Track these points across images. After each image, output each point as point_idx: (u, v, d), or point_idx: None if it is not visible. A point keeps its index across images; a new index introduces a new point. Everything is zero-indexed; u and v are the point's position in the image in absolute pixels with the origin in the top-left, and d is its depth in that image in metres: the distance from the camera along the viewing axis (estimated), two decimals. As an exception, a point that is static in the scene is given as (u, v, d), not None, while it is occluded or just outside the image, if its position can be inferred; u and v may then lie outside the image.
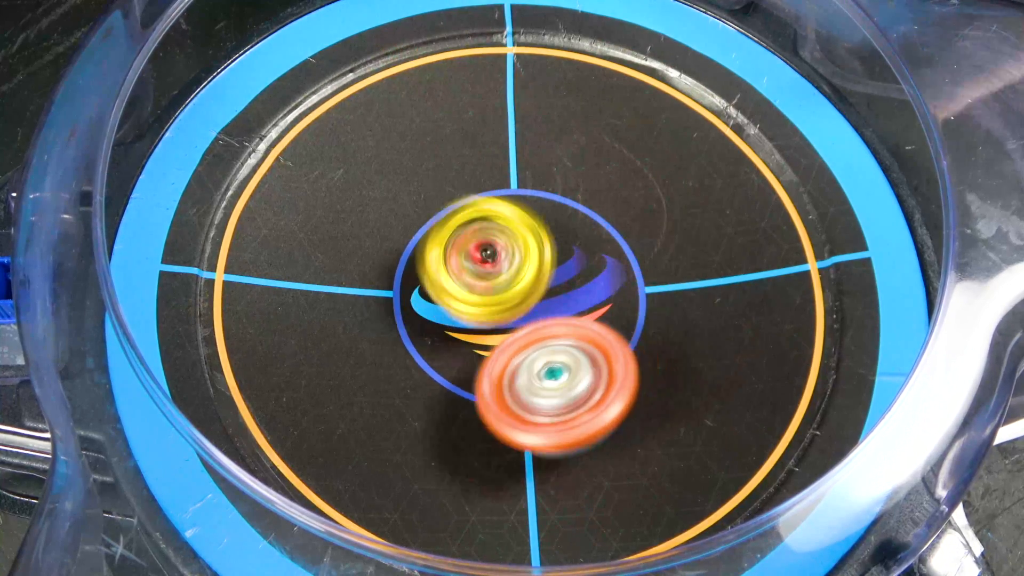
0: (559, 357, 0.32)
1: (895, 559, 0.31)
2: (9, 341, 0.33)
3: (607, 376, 0.32)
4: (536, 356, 0.32)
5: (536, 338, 0.33)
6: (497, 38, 0.40)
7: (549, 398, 0.31)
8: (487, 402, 0.32)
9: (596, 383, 0.31)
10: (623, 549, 0.32)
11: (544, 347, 0.32)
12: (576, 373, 0.31)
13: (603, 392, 0.31)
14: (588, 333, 0.33)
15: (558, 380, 0.31)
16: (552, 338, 0.33)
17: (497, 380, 0.32)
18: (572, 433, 0.30)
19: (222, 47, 0.39)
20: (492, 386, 0.32)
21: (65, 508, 0.29)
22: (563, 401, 0.31)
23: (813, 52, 0.40)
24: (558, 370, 0.32)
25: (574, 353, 0.32)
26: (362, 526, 0.32)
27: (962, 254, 0.33)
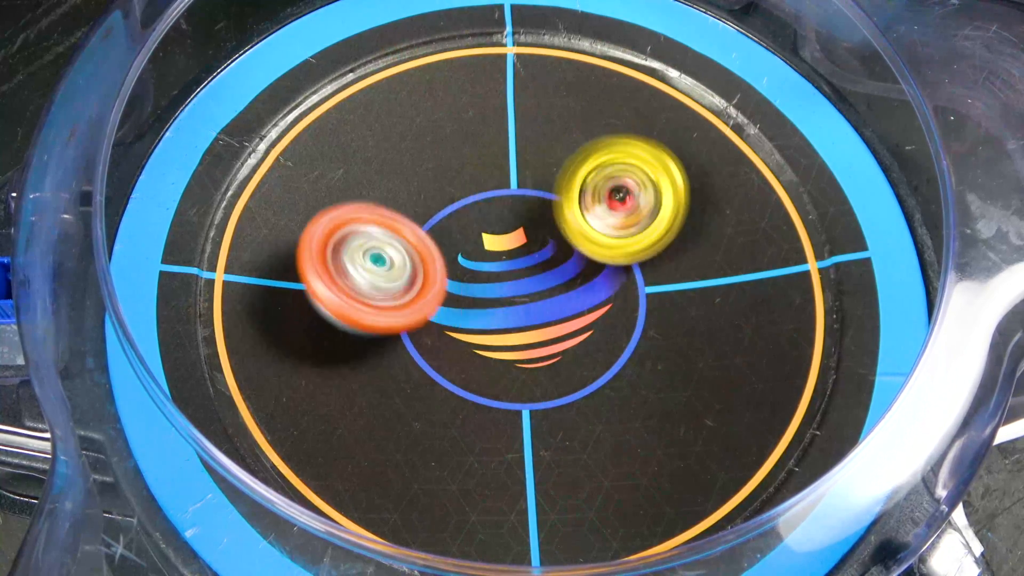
0: (388, 248, 0.33)
1: (895, 559, 0.31)
2: (9, 341, 0.33)
3: (421, 282, 0.34)
4: (366, 236, 0.33)
5: (373, 219, 0.34)
6: (497, 38, 0.40)
7: (368, 277, 0.33)
8: (310, 250, 0.32)
9: (411, 285, 0.33)
10: (623, 549, 0.32)
11: (373, 232, 0.34)
12: (399, 270, 0.33)
13: (414, 296, 0.33)
14: (415, 236, 0.34)
15: (380, 267, 0.33)
16: (380, 225, 0.34)
17: (324, 237, 0.33)
18: (358, 313, 0.32)
19: (222, 47, 0.39)
20: (317, 241, 0.33)
21: (65, 508, 0.29)
22: (382, 286, 0.33)
23: (813, 52, 0.40)
24: (382, 259, 0.33)
25: (400, 250, 0.33)
26: (362, 526, 0.32)
27: (962, 254, 0.33)
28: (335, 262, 0.32)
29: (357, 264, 0.33)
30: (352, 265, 0.32)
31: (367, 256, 0.33)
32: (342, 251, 0.33)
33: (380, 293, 0.33)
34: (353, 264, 0.33)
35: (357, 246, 0.33)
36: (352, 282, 0.32)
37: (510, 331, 0.35)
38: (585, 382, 0.35)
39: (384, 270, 0.33)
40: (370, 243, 0.33)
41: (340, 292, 0.32)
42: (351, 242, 0.33)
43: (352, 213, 0.34)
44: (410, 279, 0.33)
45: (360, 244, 0.33)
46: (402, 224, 0.34)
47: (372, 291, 0.33)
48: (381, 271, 0.33)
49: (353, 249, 0.33)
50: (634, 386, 0.34)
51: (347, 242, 0.33)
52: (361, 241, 0.33)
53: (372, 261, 0.33)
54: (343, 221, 0.33)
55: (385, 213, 0.34)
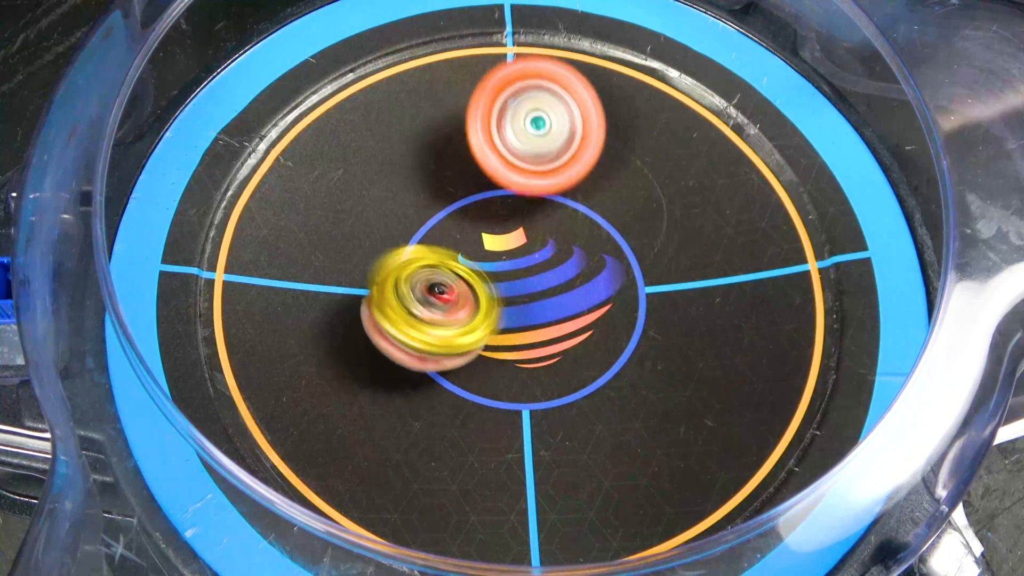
0: (539, 104, 0.35)
1: (895, 559, 0.31)
2: (9, 341, 0.33)
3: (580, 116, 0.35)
4: (518, 103, 0.35)
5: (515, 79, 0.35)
6: (497, 38, 0.40)
7: (536, 146, 0.35)
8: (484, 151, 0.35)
9: (572, 125, 0.35)
10: (623, 549, 0.32)
11: (524, 94, 0.35)
12: (556, 119, 0.35)
13: (581, 135, 0.35)
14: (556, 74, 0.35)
15: (542, 129, 0.35)
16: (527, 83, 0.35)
17: (486, 125, 0.35)
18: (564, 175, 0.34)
19: (222, 47, 0.39)
20: (484, 134, 0.35)
21: (65, 508, 0.29)
22: (549, 148, 0.35)
23: (813, 52, 0.40)
24: (540, 120, 0.35)
25: (548, 99, 0.35)
26: (362, 526, 0.32)
27: (962, 254, 0.33)
28: (499, 122, 0.34)
29: (516, 126, 0.34)
30: (512, 127, 0.34)
31: (528, 119, 0.34)
32: (506, 114, 0.34)
33: (533, 157, 0.34)
34: (513, 126, 0.34)
35: (522, 107, 0.34)
36: (509, 144, 0.34)
37: (510, 331, 0.35)
38: (585, 382, 0.35)
39: (541, 133, 0.34)
40: (534, 104, 0.34)
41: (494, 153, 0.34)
42: (517, 101, 0.34)
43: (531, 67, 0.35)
44: (564, 144, 0.34)
45: (523, 107, 0.34)
46: (576, 83, 0.35)
47: (526, 154, 0.34)
48: (536, 134, 0.34)
49: (516, 110, 0.34)
50: (634, 386, 0.34)
51: (513, 100, 0.34)
52: (524, 104, 0.34)
53: (532, 125, 0.34)
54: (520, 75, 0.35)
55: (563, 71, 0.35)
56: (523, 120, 0.35)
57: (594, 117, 0.35)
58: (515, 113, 0.35)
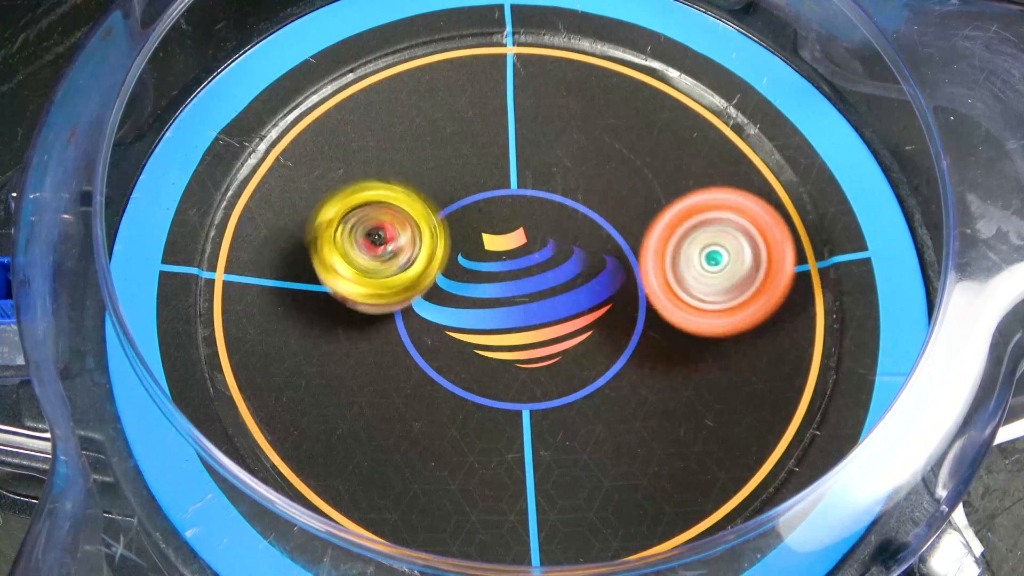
0: (717, 239, 0.32)
1: (895, 559, 0.31)
2: (9, 341, 0.33)
3: (765, 250, 0.32)
4: (693, 240, 0.32)
5: (689, 221, 0.33)
6: (497, 38, 0.40)
7: (713, 282, 0.32)
8: (659, 297, 0.32)
9: (756, 260, 0.32)
10: (623, 549, 0.32)
11: (701, 231, 0.33)
12: (736, 255, 0.32)
13: (765, 267, 0.32)
14: (738, 204, 0.33)
15: (720, 264, 0.32)
16: (704, 217, 0.33)
17: (660, 268, 0.32)
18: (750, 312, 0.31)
19: (222, 47, 0.39)
20: (659, 277, 0.32)
21: (65, 508, 0.29)
22: (728, 283, 0.32)
23: (813, 52, 0.40)
24: (718, 254, 0.32)
25: (730, 232, 0.32)
26: (362, 526, 0.32)
27: (962, 254, 0.33)
28: (674, 266, 0.32)
29: (693, 263, 0.32)
30: (688, 268, 0.31)
31: (704, 254, 0.32)
32: (680, 254, 0.32)
33: (733, 282, 0.32)
34: (689, 263, 0.32)
35: (687, 257, 0.32)
36: (684, 282, 0.32)
37: (510, 331, 0.35)
38: (585, 382, 0.35)
39: (719, 268, 0.31)
40: (707, 239, 0.32)
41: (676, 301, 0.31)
42: (684, 257, 0.32)
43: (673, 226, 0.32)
44: (747, 274, 0.32)
45: (698, 243, 0.32)
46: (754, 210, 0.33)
47: (704, 291, 0.32)
48: (714, 271, 0.31)
49: (687, 262, 0.32)
50: (634, 386, 0.34)
51: (681, 259, 0.32)
52: (689, 250, 0.32)
53: (708, 260, 0.32)
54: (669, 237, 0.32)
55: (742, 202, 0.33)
56: (699, 256, 0.32)
57: (779, 243, 0.32)
58: (690, 249, 0.33)
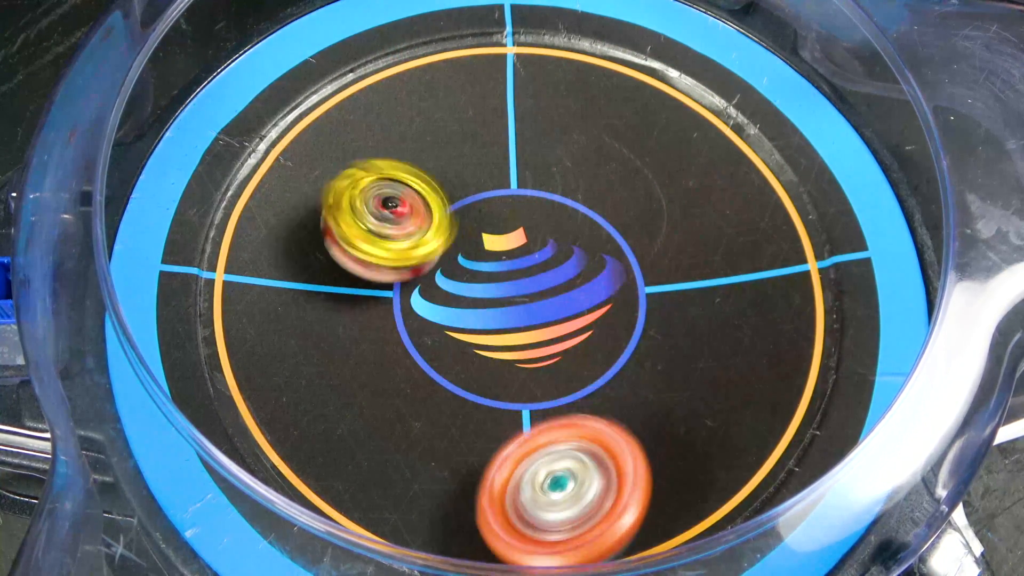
0: (562, 464, 0.29)
1: (895, 559, 0.31)
2: (9, 341, 0.33)
3: (616, 477, 0.29)
4: (538, 467, 0.29)
5: (534, 447, 0.30)
6: (497, 38, 0.40)
7: (557, 511, 0.29)
8: (491, 526, 0.29)
9: (606, 487, 0.29)
10: (623, 549, 0.32)
11: (545, 455, 0.30)
12: (583, 480, 0.29)
13: (615, 497, 0.29)
14: (588, 432, 0.30)
15: (565, 490, 0.29)
16: (551, 444, 0.30)
17: (499, 497, 0.29)
18: (587, 549, 0.28)
19: (222, 47, 0.39)
20: (494, 505, 0.29)
21: (65, 508, 0.29)
22: (573, 513, 0.28)
23: (813, 52, 0.40)
24: (563, 479, 0.29)
25: (579, 457, 0.29)
26: (362, 526, 0.32)
27: (962, 254, 0.33)
28: (517, 514, 0.29)
29: (538, 501, 0.28)
30: (533, 506, 0.28)
31: (545, 487, 0.29)
32: (519, 498, 0.29)
33: (578, 512, 0.28)
34: (534, 504, 0.28)
35: (530, 486, 0.29)
36: (537, 525, 0.28)
37: (510, 331, 0.35)
38: (585, 382, 0.34)
39: (564, 493, 0.28)
40: (540, 473, 0.29)
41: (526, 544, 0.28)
42: (523, 489, 0.29)
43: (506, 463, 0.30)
44: (601, 492, 0.29)
45: (531, 483, 0.29)
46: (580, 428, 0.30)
47: (557, 524, 0.28)
48: (561, 495, 0.28)
49: (528, 492, 0.29)
50: (634, 386, 0.34)
51: (521, 493, 0.29)
52: (530, 480, 0.29)
53: (551, 488, 0.29)
54: (507, 475, 0.30)
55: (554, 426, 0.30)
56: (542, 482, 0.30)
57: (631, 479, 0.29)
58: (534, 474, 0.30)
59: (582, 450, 0.30)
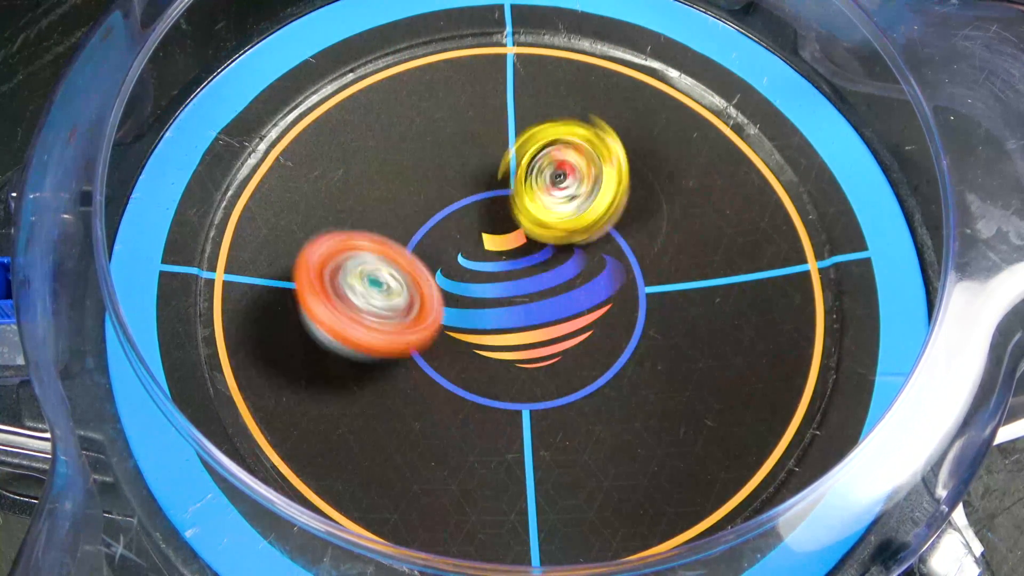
0: (391, 281, 0.33)
1: (895, 559, 0.31)
2: (9, 341, 0.33)
3: (419, 305, 0.34)
4: (361, 261, 0.33)
5: (379, 251, 0.34)
6: (497, 38, 0.40)
7: (368, 299, 0.32)
8: (308, 275, 0.32)
9: (410, 305, 0.33)
10: (623, 549, 0.32)
11: (363, 257, 0.34)
12: (397, 292, 0.33)
13: (415, 317, 0.33)
14: (423, 283, 0.34)
15: (380, 290, 0.33)
16: (368, 251, 0.34)
17: (320, 263, 0.33)
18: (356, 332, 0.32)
19: (222, 47, 0.39)
20: (314, 266, 0.32)
21: (65, 508, 0.29)
22: (380, 307, 0.32)
23: (813, 52, 0.40)
24: (379, 283, 0.33)
25: (403, 286, 0.33)
26: (362, 526, 0.32)
27: (962, 254, 0.33)
28: (333, 287, 0.32)
29: (356, 288, 0.32)
30: (350, 289, 0.32)
31: (365, 279, 0.33)
32: (339, 276, 0.33)
33: (379, 315, 0.32)
34: (351, 288, 0.32)
35: (354, 270, 0.33)
36: (351, 304, 0.32)
37: (510, 331, 0.35)
38: (585, 382, 0.35)
39: (382, 292, 0.33)
40: (366, 267, 0.33)
41: (340, 313, 0.32)
42: (347, 267, 0.33)
43: (344, 240, 0.34)
44: (407, 302, 0.33)
45: (357, 268, 0.33)
46: (393, 250, 0.34)
47: (371, 312, 0.32)
48: (379, 293, 0.33)
49: (350, 273, 0.33)
50: (634, 386, 0.34)
51: (343, 267, 0.33)
52: (358, 266, 0.33)
53: (370, 284, 0.33)
54: (337, 248, 0.33)
55: (375, 239, 0.34)
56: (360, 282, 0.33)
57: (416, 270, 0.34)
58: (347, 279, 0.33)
59: (396, 268, 0.34)
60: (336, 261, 0.33)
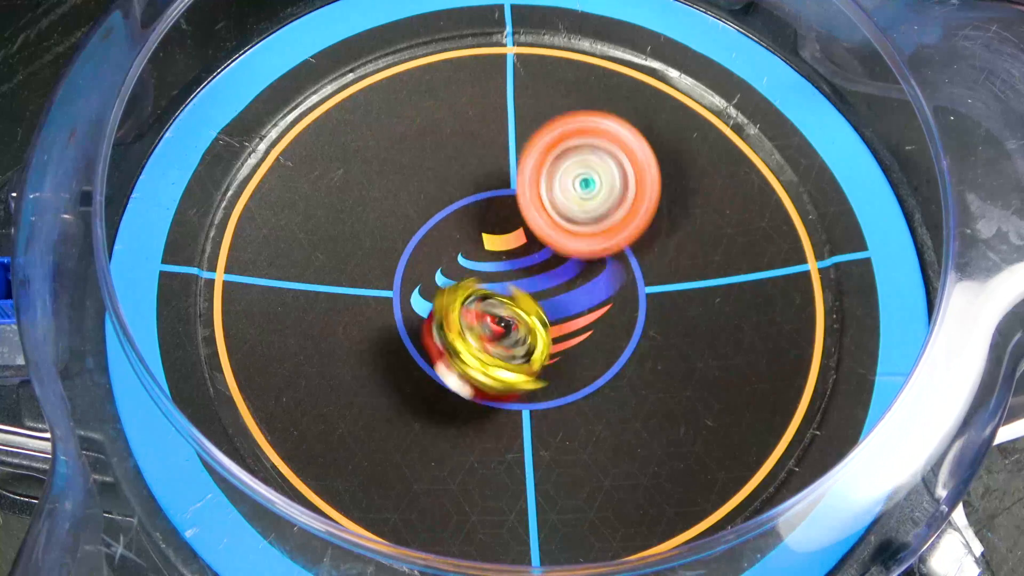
0: (589, 165, 0.34)
1: (895, 559, 0.31)
2: (9, 341, 0.33)
3: (634, 178, 0.34)
4: (566, 168, 0.34)
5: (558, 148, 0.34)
6: (497, 38, 0.40)
7: (586, 207, 0.33)
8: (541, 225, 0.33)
9: (624, 187, 0.34)
10: (623, 549, 0.32)
11: (571, 158, 0.34)
12: (606, 181, 0.33)
13: (634, 195, 0.33)
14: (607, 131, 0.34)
15: (592, 189, 0.33)
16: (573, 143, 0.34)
17: (535, 185, 0.33)
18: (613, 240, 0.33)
19: (222, 47, 0.39)
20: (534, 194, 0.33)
21: (65, 508, 0.29)
22: (599, 208, 0.33)
23: (813, 52, 0.40)
24: (591, 180, 0.33)
25: (601, 159, 0.34)
26: (362, 526, 0.32)
27: (962, 254, 0.33)
28: (548, 179, 0.32)
29: (565, 188, 0.32)
30: (561, 189, 0.32)
31: (577, 181, 0.32)
32: (556, 171, 0.33)
33: (583, 216, 0.32)
34: (562, 187, 0.32)
35: (570, 168, 0.33)
36: (559, 205, 0.32)
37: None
38: (585, 382, 0.35)
39: (591, 193, 0.32)
40: (582, 167, 0.33)
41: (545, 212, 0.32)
42: (565, 163, 0.33)
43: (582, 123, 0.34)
44: (615, 203, 0.33)
45: (573, 165, 0.33)
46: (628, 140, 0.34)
47: (576, 214, 0.32)
48: (587, 194, 0.32)
49: (565, 171, 0.33)
50: (634, 386, 0.34)
51: (562, 161, 0.33)
52: (575, 161, 0.33)
53: (581, 186, 0.32)
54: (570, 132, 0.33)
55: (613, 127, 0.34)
56: (572, 182, 0.34)
57: (648, 176, 0.34)
58: (564, 174, 0.34)
59: (602, 149, 0.34)
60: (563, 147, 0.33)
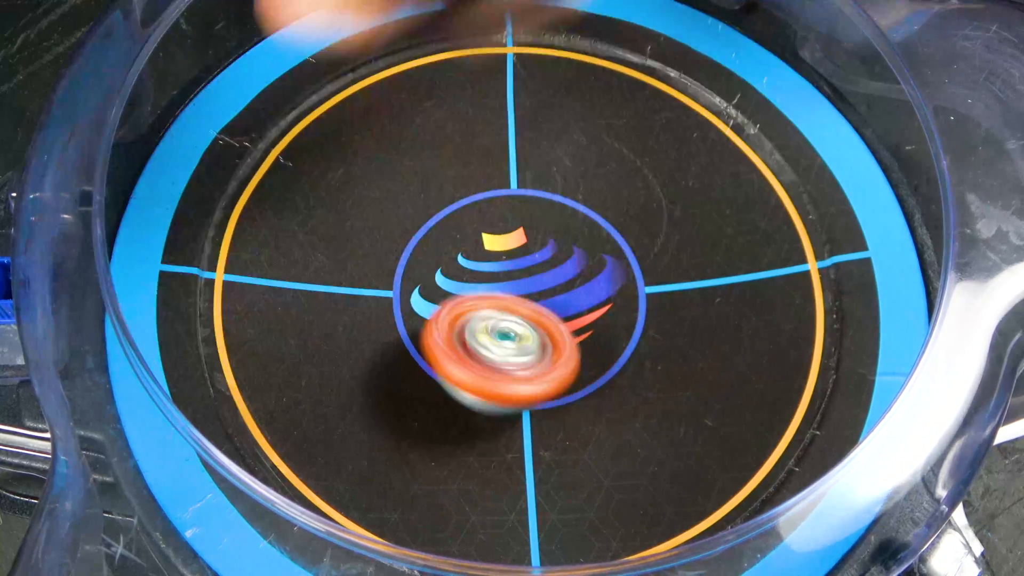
0: (517, 328, 0.33)
1: (895, 559, 0.31)
2: (9, 341, 0.33)
3: (551, 360, 0.33)
4: (494, 318, 0.33)
5: (498, 305, 0.34)
6: (497, 38, 0.40)
7: (495, 352, 0.32)
8: (445, 353, 0.32)
9: (540, 360, 0.32)
10: (623, 549, 0.32)
11: (504, 315, 0.33)
12: (528, 345, 0.32)
13: (544, 369, 0.32)
14: (547, 322, 0.34)
15: (510, 342, 0.32)
16: (511, 311, 0.34)
17: (447, 333, 0.32)
18: (500, 386, 0.31)
19: (222, 47, 0.39)
20: (443, 338, 0.32)
21: (65, 508, 0.29)
22: (509, 359, 0.32)
23: (813, 52, 0.40)
24: (510, 334, 0.32)
25: (531, 329, 0.33)
26: (362, 526, 0.32)
27: (962, 254, 0.33)
28: (468, 354, 0.32)
29: (489, 345, 0.32)
30: (484, 348, 0.32)
31: (494, 335, 0.32)
32: (468, 340, 0.32)
33: (520, 365, 0.32)
34: (485, 347, 0.32)
35: (480, 329, 0.32)
36: (490, 363, 0.32)
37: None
38: (585, 382, 0.34)
39: (514, 342, 0.32)
40: (490, 323, 0.32)
41: (486, 374, 0.31)
42: (472, 328, 0.32)
43: (458, 304, 0.33)
44: (541, 343, 0.33)
45: (482, 326, 0.32)
46: (506, 300, 0.34)
47: (513, 364, 0.32)
48: (511, 344, 0.32)
49: (477, 332, 0.32)
50: (634, 386, 0.34)
51: (468, 329, 0.32)
52: (480, 323, 0.32)
53: (500, 338, 0.32)
54: (455, 315, 0.33)
55: (485, 296, 0.34)
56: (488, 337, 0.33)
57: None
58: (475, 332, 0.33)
59: (535, 327, 0.33)
60: (458, 327, 0.33)
